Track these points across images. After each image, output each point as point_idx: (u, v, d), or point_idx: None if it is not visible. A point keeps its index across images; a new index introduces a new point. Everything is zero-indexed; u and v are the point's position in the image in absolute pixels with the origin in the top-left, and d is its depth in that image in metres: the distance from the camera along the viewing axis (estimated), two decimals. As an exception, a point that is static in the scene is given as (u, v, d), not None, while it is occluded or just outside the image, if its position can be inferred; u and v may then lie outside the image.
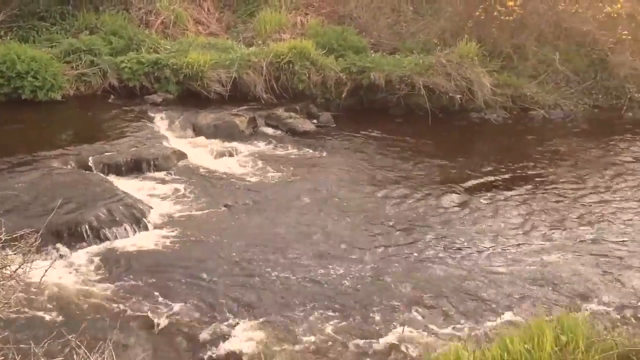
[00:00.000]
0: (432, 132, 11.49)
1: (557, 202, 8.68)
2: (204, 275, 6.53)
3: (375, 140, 11.05)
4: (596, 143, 11.27)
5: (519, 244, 7.42)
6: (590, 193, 9.01)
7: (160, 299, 6.11)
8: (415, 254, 7.13)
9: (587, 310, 6.00)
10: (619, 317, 5.99)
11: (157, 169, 9.12)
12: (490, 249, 7.30)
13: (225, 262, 6.83)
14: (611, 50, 13.00)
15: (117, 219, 7.35)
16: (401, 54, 13.03)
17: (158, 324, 5.74)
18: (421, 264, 6.93)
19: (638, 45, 13.04)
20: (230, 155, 9.95)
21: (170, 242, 7.20)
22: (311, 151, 10.36)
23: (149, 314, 5.86)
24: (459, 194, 8.82)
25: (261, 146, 10.47)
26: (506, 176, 9.56)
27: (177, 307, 5.99)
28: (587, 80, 13.10)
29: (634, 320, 5.92)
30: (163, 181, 8.84)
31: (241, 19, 14.71)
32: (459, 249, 7.28)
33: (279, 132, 11.17)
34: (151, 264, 6.73)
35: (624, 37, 12.88)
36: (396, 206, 8.40)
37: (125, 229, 7.30)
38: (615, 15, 13.03)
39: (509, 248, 7.32)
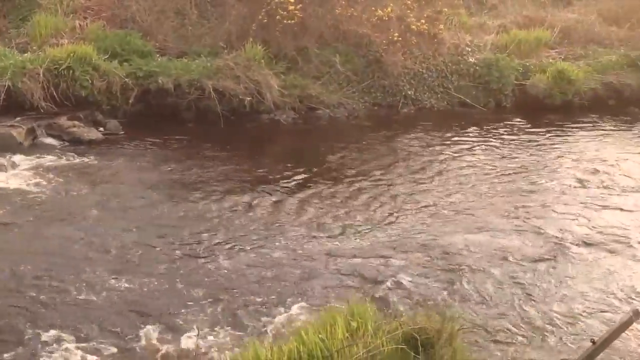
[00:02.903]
0: (224, 135, 11.57)
1: (346, 192, 9.14)
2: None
3: (167, 146, 10.87)
4: (377, 137, 12.05)
5: (312, 238, 7.69)
6: (376, 182, 9.60)
7: None
8: (212, 257, 7.12)
9: (375, 295, 6.41)
10: (406, 298, 6.44)
11: None
12: (285, 245, 7.49)
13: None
14: (385, 51, 13.90)
15: None
16: (189, 57, 12.92)
17: None
18: (218, 266, 6.94)
19: (408, 45, 14.13)
20: (7, 169, 9.23)
21: (-61, 270, 6.51)
22: (99, 161, 9.93)
23: None
24: (252, 194, 8.94)
25: (43, 158, 9.83)
26: (298, 173, 9.85)
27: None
28: (365, 79, 13.88)
29: (420, 301, 6.39)
30: None
31: (13, 24, 13.64)
32: (254, 248, 7.39)
33: (62, 142, 10.61)
34: None
35: (395, 38, 13.88)
36: (189, 211, 8.33)
37: None
38: (386, 18, 13.99)
39: (303, 243, 7.56)
